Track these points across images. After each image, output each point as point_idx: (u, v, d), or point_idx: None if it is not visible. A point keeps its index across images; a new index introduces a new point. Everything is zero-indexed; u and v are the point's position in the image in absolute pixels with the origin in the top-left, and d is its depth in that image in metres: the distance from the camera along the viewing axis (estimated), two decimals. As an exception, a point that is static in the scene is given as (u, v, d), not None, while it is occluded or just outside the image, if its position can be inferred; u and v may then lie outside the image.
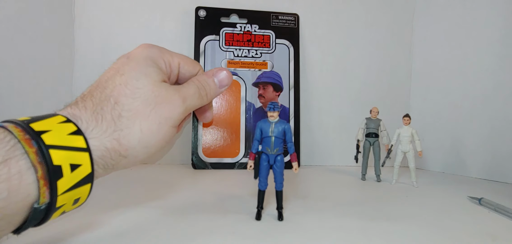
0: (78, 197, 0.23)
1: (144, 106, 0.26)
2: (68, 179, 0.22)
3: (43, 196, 0.21)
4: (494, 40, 0.66)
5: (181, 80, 0.32)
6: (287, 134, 0.35)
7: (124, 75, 0.26)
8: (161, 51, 0.30)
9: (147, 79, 0.27)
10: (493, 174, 0.65)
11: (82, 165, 0.22)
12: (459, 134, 0.71)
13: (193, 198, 0.45)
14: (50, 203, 0.21)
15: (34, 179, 0.20)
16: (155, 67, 0.28)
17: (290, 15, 0.75)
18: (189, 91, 0.30)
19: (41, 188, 0.20)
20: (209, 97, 0.32)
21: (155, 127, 0.26)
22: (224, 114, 0.70)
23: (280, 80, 0.73)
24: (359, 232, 0.33)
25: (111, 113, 0.25)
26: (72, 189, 0.22)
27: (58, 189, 0.21)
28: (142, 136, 0.26)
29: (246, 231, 0.32)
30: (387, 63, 0.81)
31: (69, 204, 0.23)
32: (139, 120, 0.26)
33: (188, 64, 0.32)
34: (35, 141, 0.21)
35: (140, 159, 0.27)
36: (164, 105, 0.27)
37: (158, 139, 0.27)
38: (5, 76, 0.54)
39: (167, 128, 0.27)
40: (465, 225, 0.36)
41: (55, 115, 0.23)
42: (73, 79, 0.71)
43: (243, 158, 0.69)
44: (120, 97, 0.25)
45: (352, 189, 0.54)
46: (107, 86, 0.26)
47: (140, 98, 0.26)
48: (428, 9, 0.79)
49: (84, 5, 0.70)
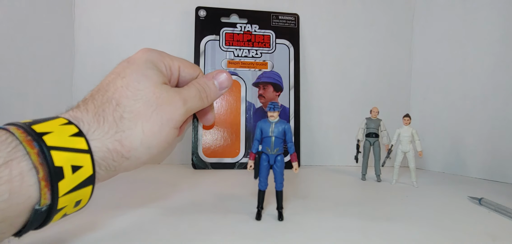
0: (79, 199, 0.23)
1: (146, 107, 0.26)
2: (70, 180, 0.22)
3: (44, 197, 0.21)
4: (494, 40, 0.66)
5: (181, 84, 0.33)
6: (287, 134, 0.35)
7: (125, 78, 0.27)
8: (161, 55, 0.30)
9: (148, 81, 0.27)
10: (493, 174, 0.65)
11: (84, 167, 0.22)
12: (459, 134, 0.71)
13: (193, 198, 0.45)
14: (51, 205, 0.21)
15: (35, 180, 0.20)
16: (156, 70, 0.28)
17: (290, 15, 0.75)
18: (190, 93, 0.30)
19: (42, 190, 0.20)
20: (209, 100, 0.32)
21: (157, 128, 0.26)
22: (224, 114, 0.70)
23: (280, 80, 0.73)
24: (359, 232, 0.33)
25: (113, 115, 0.25)
26: (73, 190, 0.22)
27: (59, 191, 0.21)
28: (144, 137, 0.26)
29: (246, 231, 0.32)
30: (387, 63, 0.81)
31: (70, 206, 0.23)
32: (141, 122, 0.26)
33: (188, 67, 0.32)
34: (37, 142, 0.21)
35: (142, 161, 0.27)
36: (165, 106, 0.27)
37: (160, 140, 0.27)
38: (5, 76, 0.54)
39: (168, 129, 0.28)
40: (465, 225, 0.36)
41: (57, 118, 0.23)
42: (73, 79, 0.71)
43: (243, 158, 0.69)
44: (122, 99, 0.26)
45: (352, 189, 0.54)
46: (108, 89, 0.26)
47: (142, 100, 0.26)
48: (428, 9, 0.79)
49: (84, 6, 0.71)
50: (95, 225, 0.32)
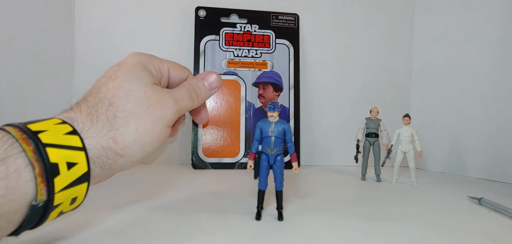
0: (75, 196, 0.24)
1: (138, 106, 0.27)
2: (65, 177, 0.22)
3: (40, 193, 0.21)
4: (494, 40, 0.66)
5: (172, 86, 0.34)
6: (287, 133, 0.35)
7: (116, 79, 0.27)
8: (150, 58, 0.31)
9: (139, 82, 0.28)
10: (493, 174, 0.65)
11: (79, 164, 0.23)
12: (459, 134, 0.71)
13: (193, 198, 0.45)
14: (48, 201, 0.22)
15: (31, 177, 0.21)
16: (146, 71, 0.29)
17: (290, 15, 0.75)
18: (180, 93, 0.31)
19: (38, 185, 0.21)
20: (200, 100, 0.33)
21: (149, 126, 0.27)
22: (224, 114, 0.70)
23: (280, 80, 0.73)
24: (359, 232, 0.33)
25: (106, 114, 0.26)
26: (69, 187, 0.23)
27: (55, 187, 0.22)
28: (137, 134, 0.26)
29: (246, 231, 0.32)
30: (387, 63, 0.81)
31: (66, 203, 0.23)
32: (133, 120, 0.26)
33: (177, 69, 0.33)
34: (32, 140, 0.21)
35: (136, 158, 0.27)
36: (157, 105, 0.28)
37: (153, 138, 0.28)
38: (5, 76, 0.54)
39: (161, 127, 0.28)
40: (465, 225, 0.36)
41: (52, 118, 0.24)
42: (73, 79, 0.71)
43: (243, 158, 0.69)
44: (114, 99, 0.26)
45: (352, 189, 0.54)
46: (100, 91, 0.27)
47: (134, 99, 0.27)
48: (428, 9, 0.79)
49: (84, 5, 0.71)
50: (94, 224, 0.32)
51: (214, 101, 0.70)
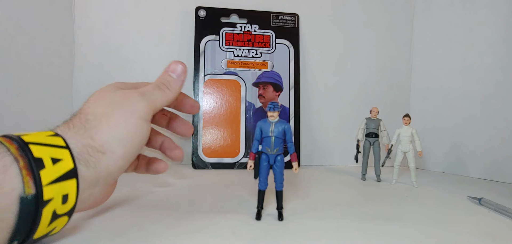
0: (65, 192, 0.24)
1: (106, 107, 0.29)
2: (51, 170, 0.23)
3: (27, 185, 0.22)
4: (494, 40, 0.66)
5: (178, 105, 0.38)
6: (287, 133, 0.35)
7: (87, 101, 0.30)
8: (125, 84, 0.33)
9: (105, 91, 0.30)
10: (493, 174, 0.65)
11: (63, 160, 0.24)
12: (459, 134, 0.71)
13: (193, 198, 0.45)
14: (37, 196, 0.22)
15: (18, 172, 0.22)
16: (114, 86, 0.32)
17: (290, 15, 0.75)
18: (147, 88, 0.32)
19: (24, 178, 0.22)
20: (171, 89, 0.34)
21: (121, 120, 0.29)
22: (224, 114, 0.70)
23: (280, 80, 0.73)
24: (359, 232, 0.33)
25: (80, 120, 0.28)
26: (57, 181, 0.23)
27: (42, 180, 0.22)
28: (110, 130, 0.28)
29: (246, 231, 0.32)
30: (387, 63, 0.81)
31: (58, 200, 0.23)
32: (104, 119, 0.28)
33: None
34: (15, 140, 0.23)
35: (119, 155, 0.28)
36: (123, 102, 0.30)
37: (129, 131, 0.29)
38: (5, 76, 0.54)
39: (134, 120, 0.29)
40: (465, 225, 0.36)
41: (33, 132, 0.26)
42: (73, 79, 0.71)
43: (243, 158, 0.69)
44: (85, 109, 0.29)
45: (352, 189, 0.54)
46: (75, 112, 0.30)
47: (101, 103, 0.29)
48: (428, 9, 0.79)
49: (84, 6, 0.70)
50: (93, 224, 0.32)
51: (214, 101, 0.70)
